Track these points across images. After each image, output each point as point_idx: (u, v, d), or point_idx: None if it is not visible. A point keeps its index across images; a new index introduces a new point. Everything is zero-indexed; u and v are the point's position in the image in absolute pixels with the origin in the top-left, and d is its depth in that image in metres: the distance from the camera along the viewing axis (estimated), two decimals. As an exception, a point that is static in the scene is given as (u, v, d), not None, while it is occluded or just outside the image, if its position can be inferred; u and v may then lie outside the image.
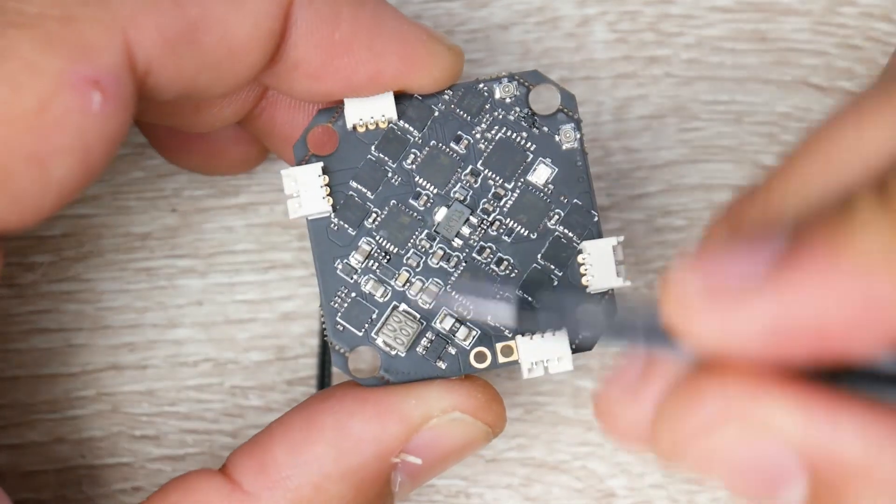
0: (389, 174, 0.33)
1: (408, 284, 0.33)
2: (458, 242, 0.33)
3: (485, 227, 0.33)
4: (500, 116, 0.33)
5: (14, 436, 0.38)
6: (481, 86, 0.33)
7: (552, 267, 0.33)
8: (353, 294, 0.32)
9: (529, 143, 0.33)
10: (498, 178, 0.33)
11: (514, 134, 0.33)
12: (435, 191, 0.33)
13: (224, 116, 0.34)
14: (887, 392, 0.23)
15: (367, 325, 0.32)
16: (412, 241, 0.33)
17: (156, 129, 0.36)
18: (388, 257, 0.33)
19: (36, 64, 0.27)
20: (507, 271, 0.33)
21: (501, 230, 0.33)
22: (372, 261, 0.33)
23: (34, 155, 0.28)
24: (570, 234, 0.33)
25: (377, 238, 0.33)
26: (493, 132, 0.33)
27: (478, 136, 0.33)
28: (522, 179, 0.33)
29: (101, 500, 0.38)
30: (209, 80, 0.31)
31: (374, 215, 0.33)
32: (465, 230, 0.33)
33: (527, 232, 0.33)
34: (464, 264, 0.33)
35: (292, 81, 0.32)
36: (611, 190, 0.39)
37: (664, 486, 0.38)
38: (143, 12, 0.29)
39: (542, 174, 0.33)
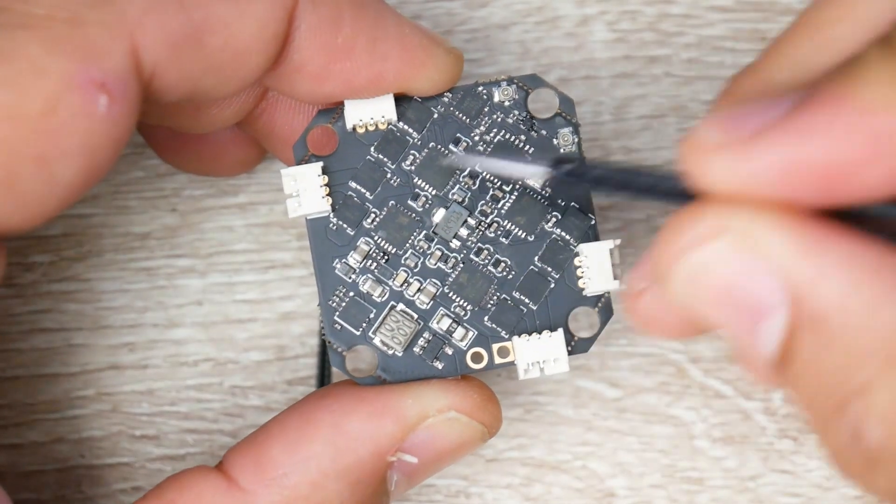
0: (388, 175, 0.33)
1: (406, 284, 0.33)
2: (455, 244, 0.33)
3: (482, 229, 0.33)
4: (499, 119, 0.33)
5: (14, 436, 0.38)
6: (480, 89, 0.33)
7: (549, 269, 0.33)
8: (352, 293, 0.33)
9: (528, 146, 0.33)
10: (496, 180, 0.33)
11: (513, 137, 0.33)
12: (433, 192, 0.33)
13: (224, 118, 0.34)
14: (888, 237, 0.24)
15: (364, 325, 0.32)
16: (410, 241, 0.33)
17: (154, 131, 0.37)
18: (386, 257, 0.33)
19: (43, 66, 0.28)
20: (505, 273, 0.33)
21: (499, 232, 0.33)
22: (370, 261, 0.33)
23: (40, 156, 0.28)
24: (567, 237, 0.33)
25: (376, 238, 0.33)
26: (491, 135, 0.33)
27: (476, 138, 0.33)
28: (520, 182, 0.33)
29: (101, 500, 0.38)
30: (213, 83, 0.31)
31: (372, 215, 0.33)
32: (463, 231, 0.33)
33: (524, 234, 0.33)
34: (461, 265, 0.33)
35: (294, 83, 0.32)
36: (611, 190, 0.39)
37: (664, 486, 0.38)
38: (149, 15, 0.29)
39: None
